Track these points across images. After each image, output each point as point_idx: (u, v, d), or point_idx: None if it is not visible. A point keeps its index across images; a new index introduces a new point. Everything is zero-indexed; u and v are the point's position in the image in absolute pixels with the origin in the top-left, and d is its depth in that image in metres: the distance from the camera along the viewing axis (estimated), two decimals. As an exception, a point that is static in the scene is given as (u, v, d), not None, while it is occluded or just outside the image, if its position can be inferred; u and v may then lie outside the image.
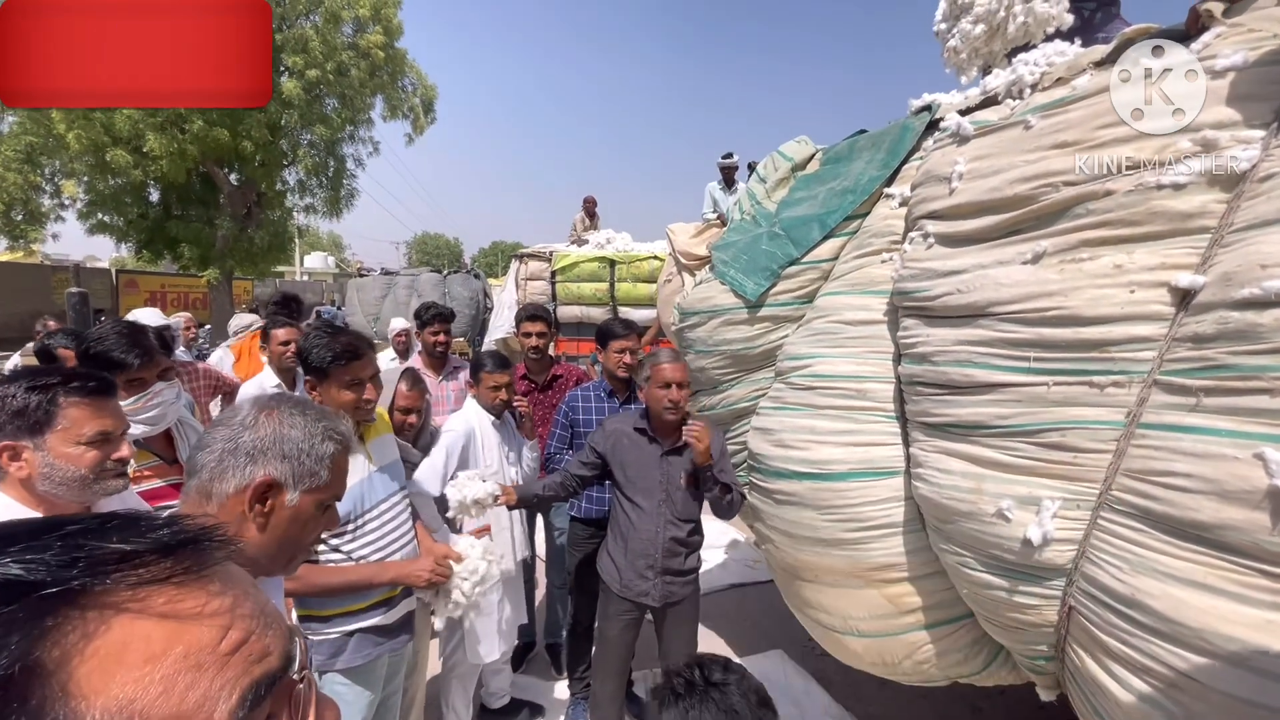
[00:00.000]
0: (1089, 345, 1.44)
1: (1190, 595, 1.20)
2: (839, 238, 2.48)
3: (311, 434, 1.01)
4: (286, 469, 0.98)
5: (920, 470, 1.80)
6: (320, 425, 1.03)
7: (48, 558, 0.36)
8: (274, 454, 0.98)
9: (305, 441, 1.00)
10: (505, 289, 7.80)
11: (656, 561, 2.27)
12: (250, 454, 0.97)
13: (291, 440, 1.00)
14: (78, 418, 1.30)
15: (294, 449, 0.99)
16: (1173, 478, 1.26)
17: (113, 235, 14.29)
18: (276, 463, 0.97)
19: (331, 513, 1.06)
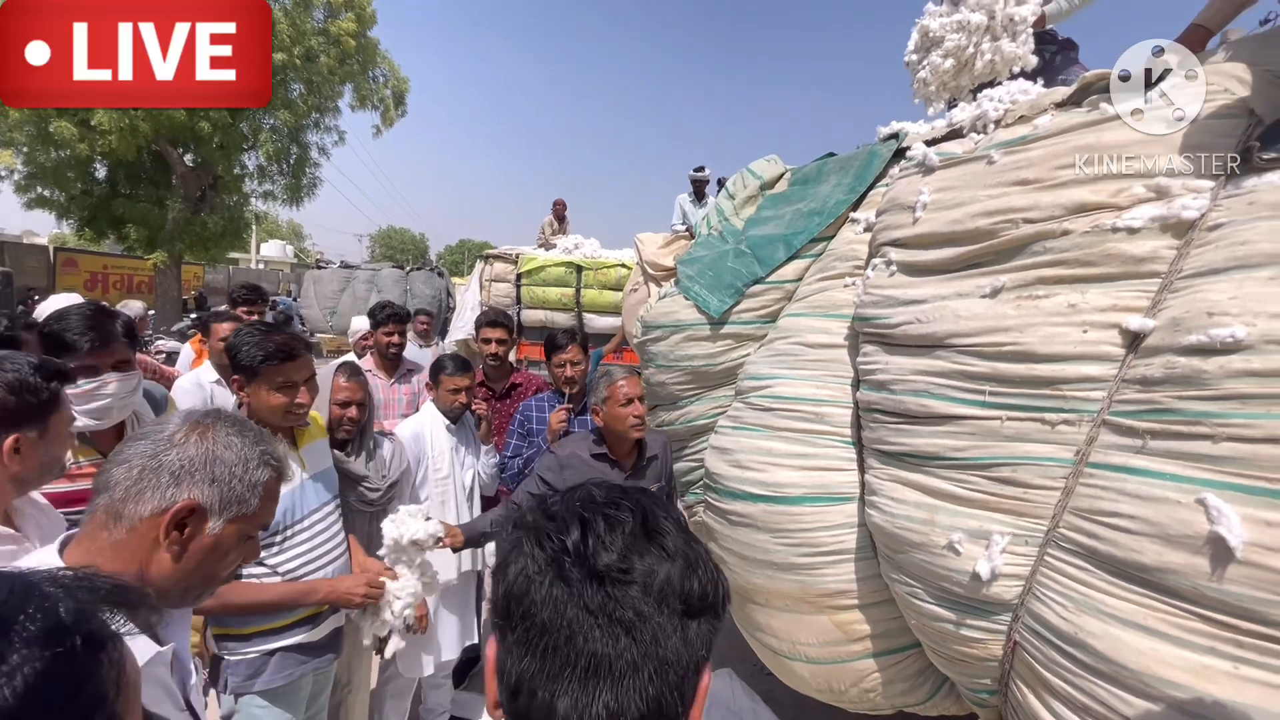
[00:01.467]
0: (1042, 382, 1.45)
1: (1131, 636, 1.21)
2: (804, 259, 2.49)
3: (247, 458, 0.93)
4: (214, 494, 0.89)
5: (874, 498, 1.79)
6: (258, 450, 0.95)
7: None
8: (202, 476, 0.89)
9: (239, 465, 0.92)
10: (469, 289, 7.65)
11: None
12: (175, 474, 0.88)
13: (224, 463, 0.91)
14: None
15: (226, 472, 0.91)
16: (1117, 518, 1.27)
17: (52, 210, 13.52)
18: (204, 486, 0.89)
19: (253, 544, 0.97)
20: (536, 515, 0.62)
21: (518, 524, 0.63)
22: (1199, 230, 1.36)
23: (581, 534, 0.57)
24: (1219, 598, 1.11)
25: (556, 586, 0.55)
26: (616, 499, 0.62)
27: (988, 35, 2.29)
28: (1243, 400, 1.15)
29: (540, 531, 0.59)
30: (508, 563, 0.59)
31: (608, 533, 0.57)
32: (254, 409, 1.73)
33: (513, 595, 0.56)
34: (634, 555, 0.57)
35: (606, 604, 0.54)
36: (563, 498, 0.64)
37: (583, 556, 0.56)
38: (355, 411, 2.10)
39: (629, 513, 0.60)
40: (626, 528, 0.58)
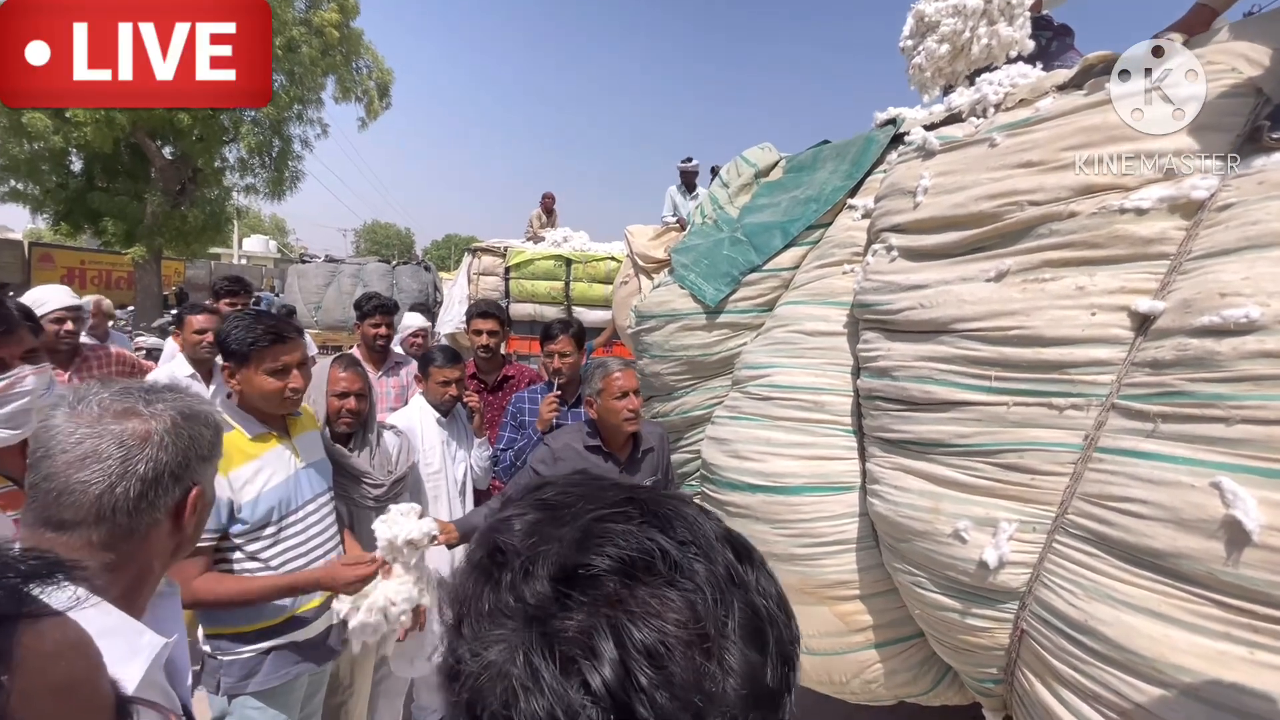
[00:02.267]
0: (1049, 366, 1.43)
1: (1143, 623, 1.19)
2: (801, 246, 2.45)
3: (214, 425, 0.95)
4: (206, 471, 0.93)
5: (876, 487, 1.76)
6: (214, 418, 0.96)
7: None
8: (195, 458, 0.91)
9: (217, 435, 0.95)
10: (456, 283, 7.57)
11: None
12: (175, 474, 0.89)
13: (204, 441, 0.92)
14: None
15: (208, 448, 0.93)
16: (1128, 503, 1.25)
17: (26, 204, 13.18)
18: (199, 467, 0.92)
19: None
20: (503, 602, 0.38)
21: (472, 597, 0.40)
22: (1208, 210, 1.34)
23: (621, 671, 0.34)
24: (1234, 582, 1.09)
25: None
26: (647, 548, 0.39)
27: (984, 19, 2.26)
28: (1257, 381, 1.13)
29: (521, 669, 0.35)
30: (472, 652, 0.37)
31: (659, 657, 0.35)
32: (246, 396, 1.67)
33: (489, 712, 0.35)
34: (720, 679, 0.36)
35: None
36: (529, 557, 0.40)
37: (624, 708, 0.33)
38: (354, 402, 2.03)
39: (681, 580, 0.37)
40: (680, 628, 0.36)
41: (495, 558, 0.42)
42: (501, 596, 0.39)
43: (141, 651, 0.76)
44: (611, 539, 0.39)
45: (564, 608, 0.37)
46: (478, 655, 0.37)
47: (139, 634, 0.78)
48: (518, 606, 0.38)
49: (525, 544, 0.41)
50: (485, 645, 0.37)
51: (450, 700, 0.39)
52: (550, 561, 0.39)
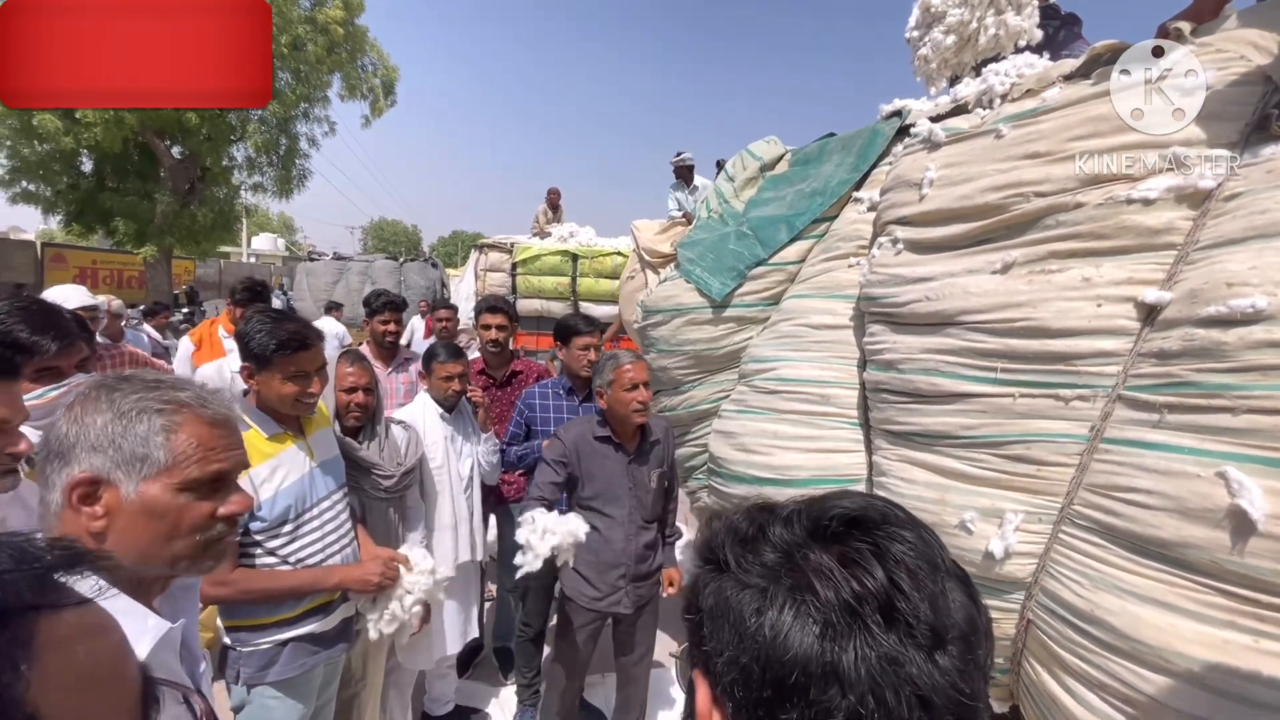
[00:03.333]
0: (1055, 357, 1.43)
1: (1149, 612, 1.20)
2: (806, 240, 2.45)
3: (121, 411, 0.84)
4: (102, 460, 0.82)
5: (883, 479, 1.77)
6: (133, 398, 0.86)
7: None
8: (83, 447, 0.83)
9: (114, 422, 0.84)
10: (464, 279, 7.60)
11: (629, 569, 2.21)
12: (62, 454, 0.82)
13: (95, 426, 0.83)
14: None
15: (100, 436, 0.83)
16: (1134, 494, 1.25)
17: (39, 205, 13.32)
18: (87, 456, 0.82)
19: (229, 492, 0.90)
20: (780, 538, 0.49)
21: (742, 547, 0.50)
22: (1216, 200, 1.33)
23: (887, 575, 0.45)
24: (1240, 571, 1.09)
25: (867, 654, 0.42)
26: (879, 509, 0.50)
27: (991, 9, 2.25)
28: (1264, 371, 1.13)
29: (815, 569, 0.46)
30: (744, 610, 0.46)
31: (915, 571, 0.45)
32: (263, 397, 1.69)
33: (783, 662, 0.43)
34: (949, 603, 0.45)
35: (941, 683, 0.42)
36: (796, 512, 0.52)
37: (896, 611, 0.44)
38: (362, 397, 2.06)
39: (909, 530, 0.48)
40: (921, 559, 0.46)
41: (753, 522, 0.53)
42: (769, 540, 0.50)
43: (146, 634, 0.78)
44: (841, 506, 0.51)
45: (823, 542, 0.48)
46: (756, 573, 0.48)
47: (144, 618, 0.80)
48: (786, 541, 0.49)
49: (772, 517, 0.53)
50: (762, 565, 0.49)
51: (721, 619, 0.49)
52: (803, 519, 0.51)
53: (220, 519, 0.88)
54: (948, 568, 0.49)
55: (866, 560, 0.46)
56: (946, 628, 0.45)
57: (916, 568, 0.46)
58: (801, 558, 0.47)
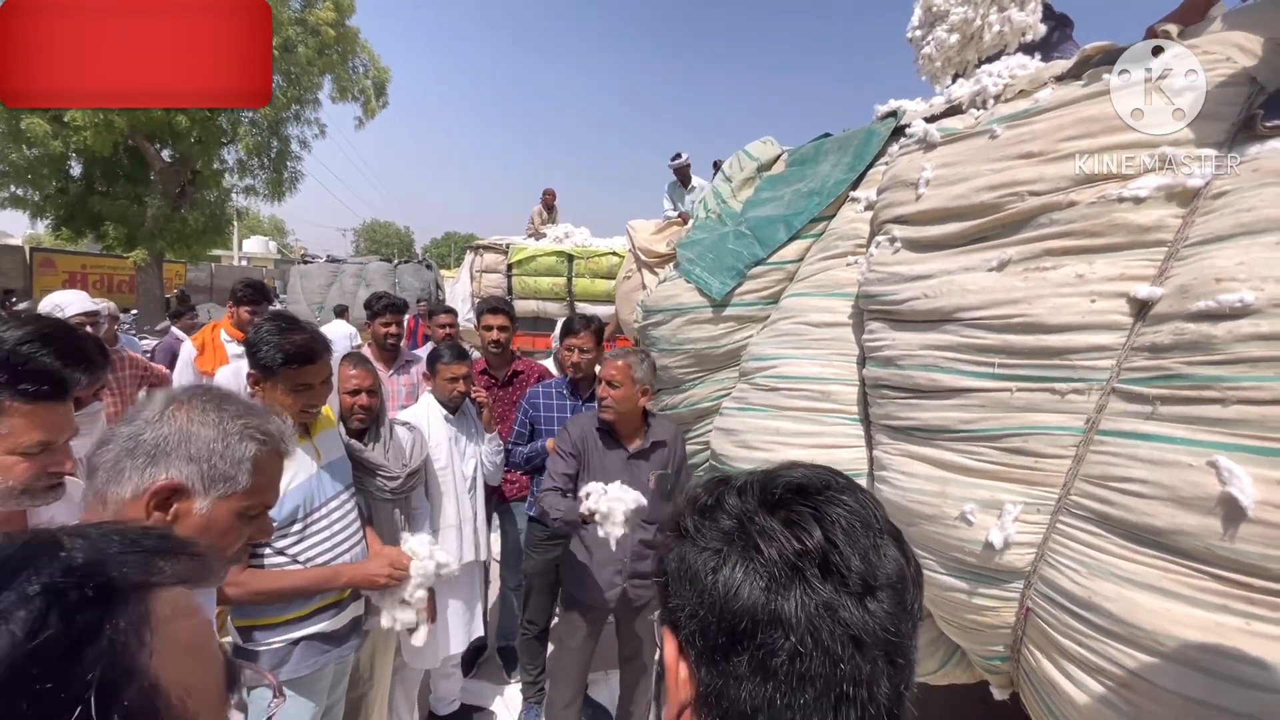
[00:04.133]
0: (1051, 352, 1.47)
1: (1144, 598, 1.24)
2: (804, 239, 2.49)
3: (227, 432, 0.89)
4: (193, 472, 0.86)
5: (884, 473, 1.81)
6: (239, 423, 0.90)
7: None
8: (179, 455, 0.85)
9: (218, 441, 0.88)
10: (459, 281, 7.61)
11: (625, 566, 2.23)
12: (151, 454, 0.85)
13: (201, 439, 0.87)
14: (18, 426, 1.09)
15: (203, 449, 0.87)
16: (1129, 483, 1.29)
17: (27, 210, 13.21)
18: (182, 464, 0.85)
19: (262, 523, 0.95)
20: (734, 506, 0.56)
21: (701, 516, 0.57)
22: (1204, 198, 1.37)
23: (824, 534, 0.51)
24: (1231, 556, 1.13)
25: (806, 602, 0.48)
26: (821, 478, 0.57)
27: (994, 6, 2.29)
28: (1252, 364, 1.17)
29: (761, 532, 0.52)
30: (701, 570, 0.53)
31: (849, 530, 0.52)
32: (268, 406, 1.71)
33: (734, 612, 0.49)
34: (880, 557, 0.52)
35: (872, 625, 0.49)
36: (748, 484, 0.58)
37: (831, 564, 0.50)
38: (366, 399, 2.09)
39: (847, 495, 0.55)
40: (856, 519, 0.53)
41: (711, 493, 0.60)
42: (724, 509, 0.57)
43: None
44: (788, 477, 0.58)
45: (770, 508, 0.55)
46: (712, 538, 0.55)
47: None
48: (739, 509, 0.56)
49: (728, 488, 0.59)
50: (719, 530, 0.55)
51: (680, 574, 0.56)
52: (754, 489, 0.57)
53: (246, 545, 0.94)
54: (881, 526, 0.56)
55: (806, 522, 0.53)
56: (877, 578, 0.51)
57: (851, 526, 0.53)
58: (751, 522, 0.54)
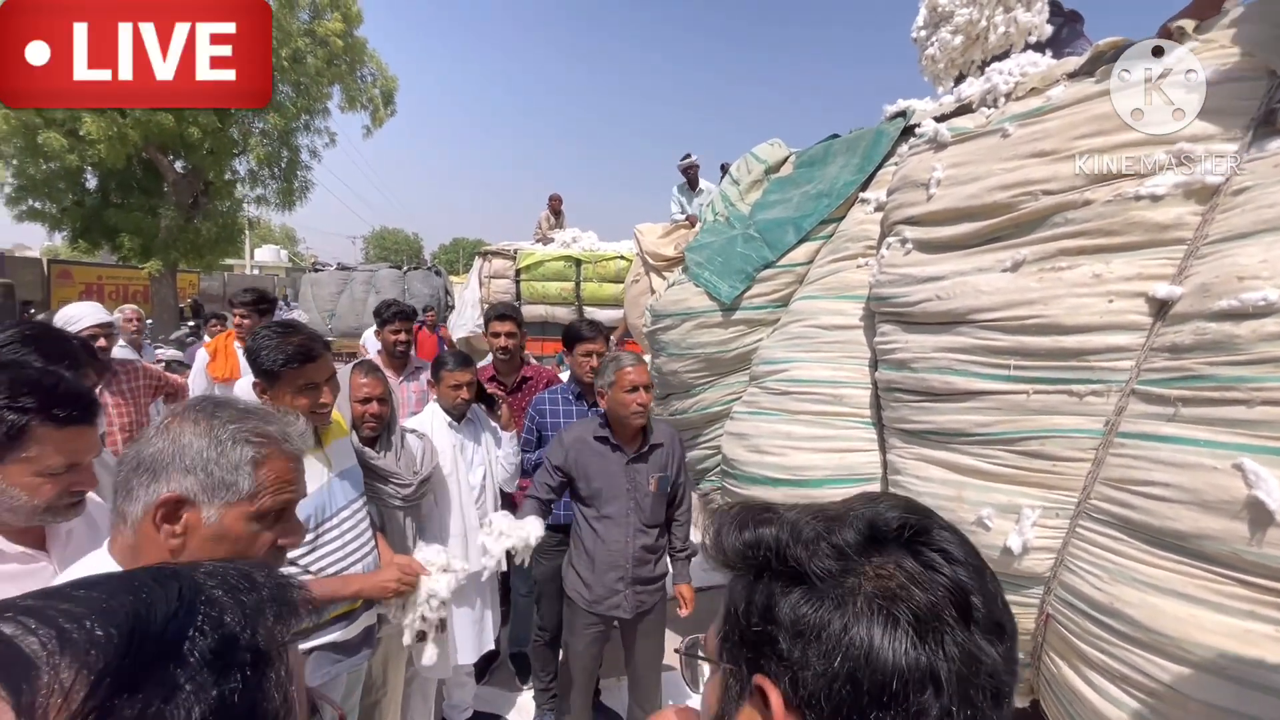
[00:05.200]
0: (1068, 354, 1.45)
1: (1168, 604, 1.21)
2: (814, 241, 2.47)
3: (218, 439, 0.88)
4: (193, 483, 0.85)
5: (898, 477, 1.79)
6: (230, 428, 0.89)
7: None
8: (175, 467, 0.85)
9: (211, 449, 0.87)
10: (468, 287, 7.63)
11: (627, 572, 2.21)
12: (151, 469, 0.85)
13: (194, 449, 0.86)
14: (47, 450, 1.11)
15: (197, 459, 0.86)
16: (1151, 487, 1.26)
17: (44, 223, 13.41)
18: (180, 476, 0.85)
19: (288, 523, 0.94)
20: (848, 545, 0.51)
21: (809, 555, 0.51)
22: (1224, 195, 1.35)
23: (955, 574, 0.47)
24: (1259, 561, 1.11)
25: (954, 654, 0.44)
26: (919, 510, 0.53)
27: (1000, 7, 2.27)
28: (1277, 364, 1.14)
29: (894, 576, 0.48)
30: (828, 623, 0.47)
31: (971, 567, 0.49)
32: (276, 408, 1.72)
33: (879, 672, 0.44)
34: (999, 595, 0.49)
35: (1004, 674, 0.46)
36: (848, 518, 0.53)
37: (972, 608, 0.46)
38: (377, 407, 2.09)
39: (948, 529, 0.52)
40: (970, 554, 0.50)
41: (815, 528, 0.54)
42: (839, 545, 0.51)
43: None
44: (890, 512, 0.53)
45: (890, 547, 0.50)
46: (833, 583, 0.49)
47: None
48: (854, 547, 0.51)
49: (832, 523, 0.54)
50: (833, 573, 0.50)
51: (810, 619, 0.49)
52: (858, 525, 0.52)
53: (279, 549, 0.92)
54: (983, 560, 0.51)
55: (936, 563, 0.48)
56: (1004, 619, 0.48)
57: (968, 563, 0.49)
58: (876, 565, 0.49)
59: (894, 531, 0.51)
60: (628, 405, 2.15)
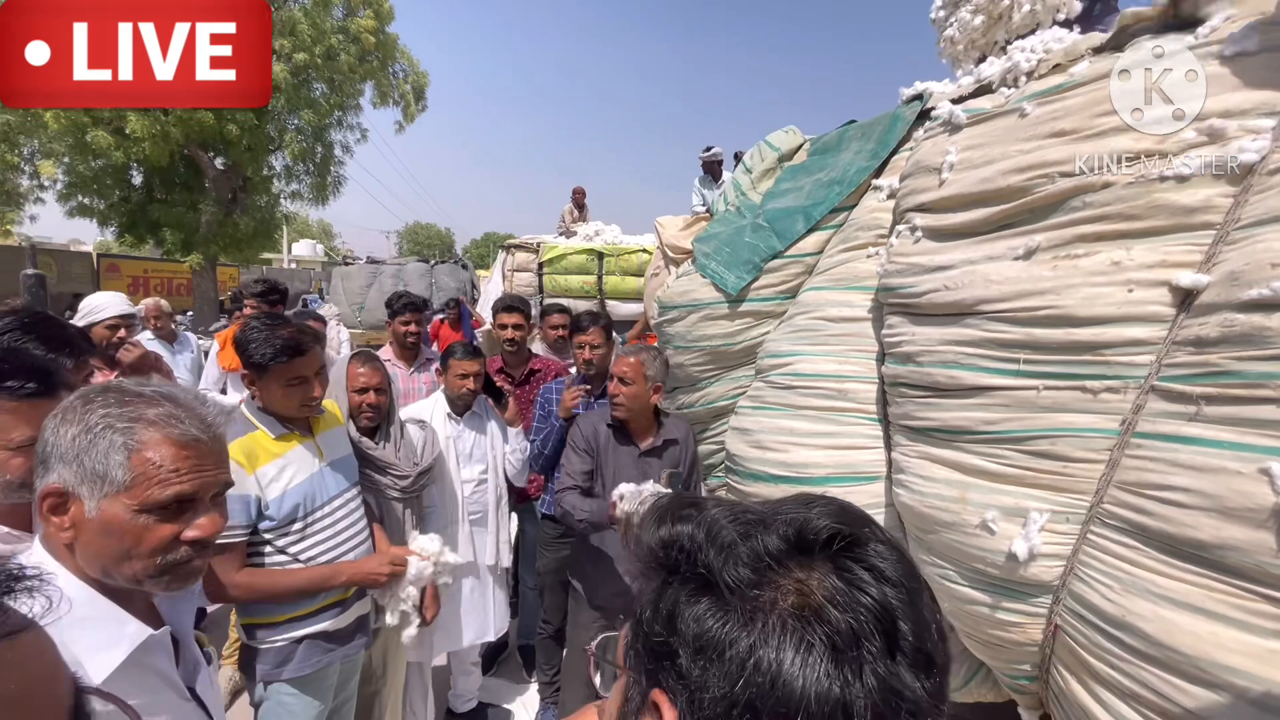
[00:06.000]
0: (1082, 347, 1.34)
1: (1185, 619, 1.11)
2: (824, 231, 2.38)
3: (88, 427, 0.82)
4: (69, 474, 0.82)
5: (902, 476, 1.70)
6: (100, 413, 0.83)
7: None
8: (55, 457, 0.82)
9: (81, 437, 0.82)
10: (492, 280, 7.67)
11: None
12: (43, 460, 0.83)
13: (66, 439, 0.82)
14: (7, 423, 1.12)
15: (70, 449, 0.82)
16: (1169, 492, 1.16)
17: (93, 218, 13.98)
18: (60, 467, 0.82)
19: (194, 513, 0.87)
20: (767, 552, 0.45)
21: (724, 559, 0.46)
22: (1258, 175, 1.23)
23: (882, 596, 0.43)
24: (1287, 576, 1.00)
25: (874, 686, 0.40)
26: (856, 517, 0.48)
27: (1024, -18, 2.14)
28: (1312, 359, 1.03)
29: (812, 593, 0.43)
30: (732, 641, 0.42)
31: (903, 589, 0.44)
32: (267, 404, 1.72)
33: (786, 701, 0.40)
34: (931, 620, 0.44)
35: (928, 708, 0.41)
36: (772, 521, 0.48)
37: (898, 635, 0.42)
38: (374, 397, 2.08)
39: (884, 544, 0.47)
40: (903, 573, 0.45)
41: (736, 531, 0.49)
42: (754, 555, 0.46)
43: (123, 640, 0.78)
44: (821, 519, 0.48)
45: (812, 558, 0.46)
46: (746, 596, 0.45)
47: (122, 624, 0.80)
48: (774, 556, 0.46)
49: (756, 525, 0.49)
50: (754, 588, 0.45)
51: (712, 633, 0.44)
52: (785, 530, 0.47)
53: (185, 542, 0.86)
54: (921, 581, 0.47)
55: (863, 581, 0.44)
56: (935, 651, 0.43)
57: (901, 584, 0.44)
58: (796, 578, 0.44)
59: (823, 541, 0.46)
60: (609, 394, 2.17)
